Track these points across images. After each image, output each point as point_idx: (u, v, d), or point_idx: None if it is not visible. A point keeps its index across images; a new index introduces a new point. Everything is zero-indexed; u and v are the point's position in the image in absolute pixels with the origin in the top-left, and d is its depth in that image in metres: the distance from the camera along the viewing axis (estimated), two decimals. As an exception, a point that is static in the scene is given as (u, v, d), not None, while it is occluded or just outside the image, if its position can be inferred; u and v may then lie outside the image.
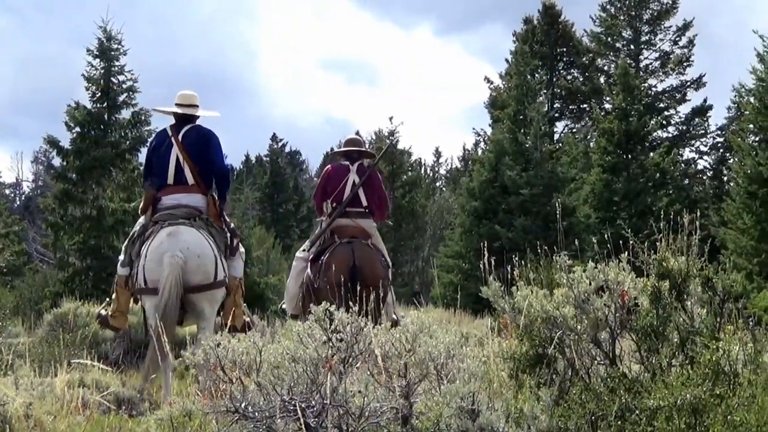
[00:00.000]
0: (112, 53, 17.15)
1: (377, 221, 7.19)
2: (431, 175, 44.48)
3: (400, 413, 2.96)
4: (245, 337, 3.24)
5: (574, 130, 33.74)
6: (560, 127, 34.08)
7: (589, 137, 30.71)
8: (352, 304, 3.21)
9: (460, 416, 2.85)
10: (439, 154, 47.02)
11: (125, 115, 17.23)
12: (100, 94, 17.03)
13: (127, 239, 5.98)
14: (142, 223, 5.87)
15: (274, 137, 45.97)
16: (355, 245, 6.65)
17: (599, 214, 22.38)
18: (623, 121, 23.45)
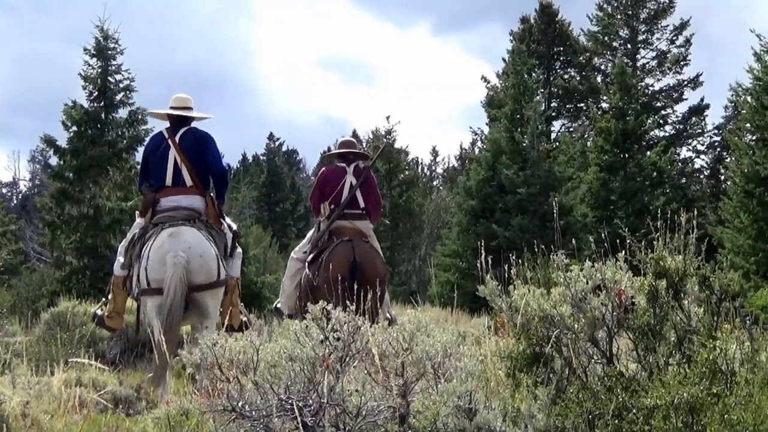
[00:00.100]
0: (109, 52, 17.15)
1: (373, 222, 7.27)
2: (428, 174, 44.63)
3: (397, 412, 2.96)
4: (242, 336, 3.24)
5: (571, 129, 33.76)
6: (557, 126, 34.17)
7: (586, 136, 30.70)
8: (349, 303, 3.20)
9: (457, 415, 2.85)
10: (436, 153, 47.21)
11: (122, 114, 17.27)
12: (97, 93, 17.03)
13: (125, 241, 5.98)
14: (141, 225, 5.86)
15: (271, 136, 46.10)
16: (355, 243, 6.68)
17: (596, 213, 22.36)
18: (620, 120, 23.44)
